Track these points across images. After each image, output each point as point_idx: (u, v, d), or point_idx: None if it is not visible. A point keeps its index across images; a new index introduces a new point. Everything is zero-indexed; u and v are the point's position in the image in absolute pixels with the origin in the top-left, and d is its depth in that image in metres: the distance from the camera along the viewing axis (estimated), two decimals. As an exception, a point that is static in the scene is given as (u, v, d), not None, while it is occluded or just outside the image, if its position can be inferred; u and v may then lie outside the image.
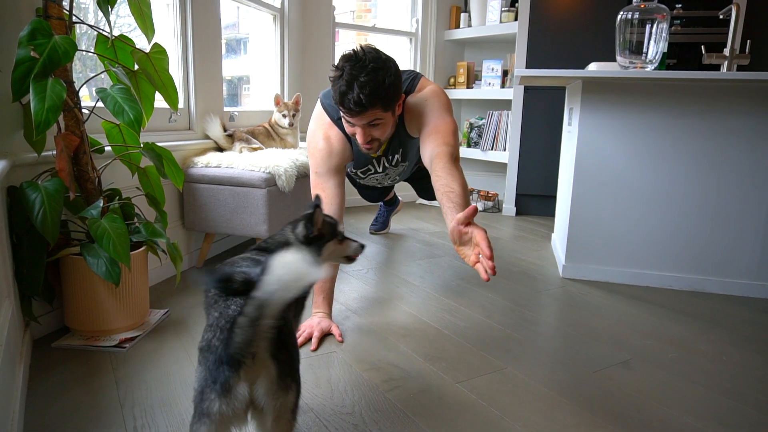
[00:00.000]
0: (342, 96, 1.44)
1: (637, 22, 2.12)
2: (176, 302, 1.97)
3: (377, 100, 1.44)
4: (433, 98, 1.69)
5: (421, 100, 1.68)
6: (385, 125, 1.55)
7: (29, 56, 1.36)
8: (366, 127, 1.53)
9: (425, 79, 1.77)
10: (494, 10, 3.86)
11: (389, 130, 1.59)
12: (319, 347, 1.63)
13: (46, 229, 1.40)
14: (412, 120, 1.71)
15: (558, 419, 1.30)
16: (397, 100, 1.53)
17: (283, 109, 2.79)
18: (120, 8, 2.03)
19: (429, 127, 1.66)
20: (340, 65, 1.46)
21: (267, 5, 3.16)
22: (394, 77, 1.47)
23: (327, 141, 1.72)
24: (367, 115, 1.47)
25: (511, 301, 2.09)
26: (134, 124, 1.52)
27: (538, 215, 3.75)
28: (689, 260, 2.26)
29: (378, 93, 1.43)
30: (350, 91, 1.42)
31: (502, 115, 3.85)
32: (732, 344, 1.76)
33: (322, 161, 1.74)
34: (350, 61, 1.44)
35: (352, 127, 1.56)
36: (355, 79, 1.41)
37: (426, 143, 1.64)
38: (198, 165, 2.30)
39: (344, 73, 1.43)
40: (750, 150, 2.13)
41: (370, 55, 1.45)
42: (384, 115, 1.51)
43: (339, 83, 1.44)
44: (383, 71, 1.44)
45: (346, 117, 1.53)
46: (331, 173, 1.74)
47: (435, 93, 1.71)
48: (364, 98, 1.41)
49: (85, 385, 1.39)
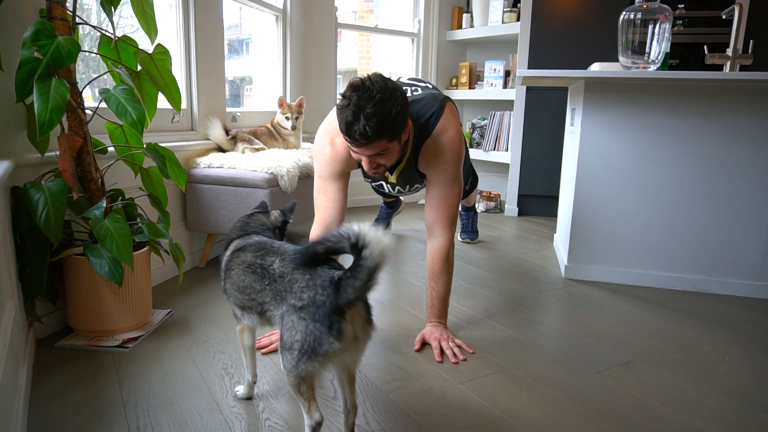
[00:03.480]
0: (348, 126, 1.44)
1: (640, 22, 2.12)
2: (179, 302, 1.98)
3: (383, 132, 1.44)
4: (451, 153, 1.68)
5: (439, 150, 1.67)
6: (391, 153, 1.54)
7: (33, 57, 1.36)
8: (372, 157, 1.53)
9: (448, 113, 1.70)
10: (496, 10, 3.86)
11: (395, 156, 1.59)
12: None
13: (50, 230, 1.40)
14: (425, 162, 1.71)
15: (561, 420, 1.30)
16: (403, 129, 1.52)
17: (287, 111, 2.79)
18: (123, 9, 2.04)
19: (436, 190, 1.72)
20: (348, 94, 1.45)
21: (269, 6, 3.16)
22: (400, 107, 1.46)
23: (333, 147, 1.71)
24: (373, 146, 1.47)
25: (513, 302, 2.09)
26: (137, 125, 1.52)
27: (541, 216, 3.74)
28: (692, 260, 2.25)
29: (384, 125, 1.42)
30: (356, 122, 1.41)
31: (504, 116, 3.85)
32: (735, 345, 1.75)
33: (326, 166, 1.74)
34: (357, 90, 1.43)
35: (358, 155, 1.56)
36: (362, 110, 1.40)
37: (431, 209, 1.74)
38: (200, 165, 2.30)
39: (351, 103, 1.42)
40: (753, 150, 2.12)
41: (377, 85, 1.43)
42: (390, 145, 1.50)
43: (346, 113, 1.43)
44: (390, 101, 1.43)
45: (352, 147, 1.53)
46: (334, 178, 1.74)
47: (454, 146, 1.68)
48: (370, 130, 1.41)
49: (88, 385, 1.39)
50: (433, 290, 1.73)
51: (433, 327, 1.70)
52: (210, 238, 2.40)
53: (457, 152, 1.69)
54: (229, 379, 1.44)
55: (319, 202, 1.76)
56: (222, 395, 1.36)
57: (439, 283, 1.72)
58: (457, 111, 1.77)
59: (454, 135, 1.68)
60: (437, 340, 1.65)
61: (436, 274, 1.72)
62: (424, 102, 1.68)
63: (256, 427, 1.24)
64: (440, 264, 1.71)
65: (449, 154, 1.67)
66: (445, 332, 1.69)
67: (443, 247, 1.72)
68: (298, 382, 1.03)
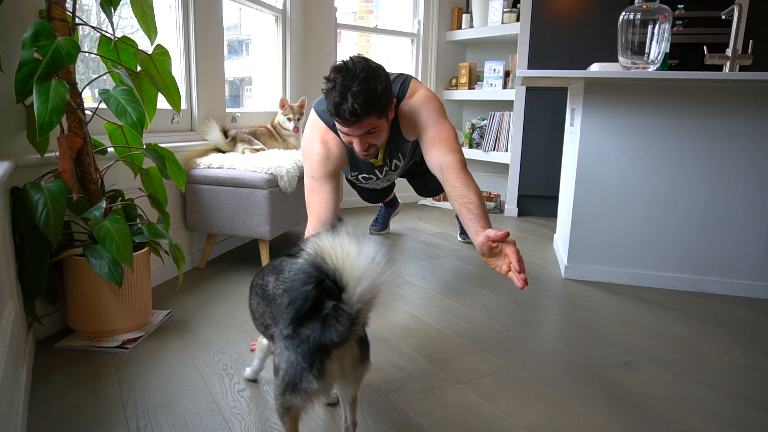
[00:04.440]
0: (337, 107, 1.47)
1: (639, 22, 2.12)
2: (179, 303, 1.98)
3: (371, 108, 1.48)
4: (427, 104, 1.73)
5: (416, 106, 1.73)
6: (380, 131, 1.60)
7: (32, 58, 1.36)
8: (363, 136, 1.56)
9: (415, 81, 1.80)
10: (496, 10, 3.86)
11: (385, 135, 1.63)
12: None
13: (50, 230, 1.40)
14: (407, 126, 1.75)
15: (561, 420, 1.30)
16: (389, 106, 1.57)
17: (289, 112, 2.79)
18: (123, 10, 2.04)
19: (429, 134, 1.70)
20: (332, 77, 1.49)
21: (269, 6, 3.16)
22: (384, 84, 1.52)
23: (324, 145, 1.73)
24: (363, 124, 1.50)
25: (513, 302, 2.09)
26: (137, 126, 1.52)
27: (540, 216, 3.74)
28: (692, 261, 2.25)
29: (371, 101, 1.47)
30: (344, 101, 1.45)
31: (504, 116, 3.85)
32: (735, 345, 1.75)
33: (319, 165, 1.75)
34: (341, 72, 1.48)
35: (349, 137, 1.58)
36: (348, 90, 1.45)
37: (431, 152, 1.67)
38: (200, 166, 2.30)
39: (336, 84, 1.47)
40: (753, 150, 2.12)
41: (359, 65, 1.49)
42: (379, 123, 1.55)
43: (332, 94, 1.47)
44: (374, 79, 1.48)
45: (343, 128, 1.55)
46: (327, 177, 1.75)
47: (428, 98, 1.75)
48: (359, 107, 1.44)
49: (88, 386, 1.39)
50: (470, 203, 1.48)
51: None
52: (210, 238, 2.40)
53: (433, 102, 1.73)
54: (229, 380, 1.44)
55: (312, 203, 1.76)
56: (222, 396, 1.36)
57: (472, 192, 1.51)
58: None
59: (425, 92, 1.75)
60: (513, 245, 1.31)
61: (466, 187, 1.52)
62: (391, 77, 1.72)
63: (256, 427, 1.24)
64: (463, 178, 1.54)
65: (426, 105, 1.71)
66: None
67: (457, 163, 1.59)
68: (283, 411, 0.98)
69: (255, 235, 2.27)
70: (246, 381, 1.44)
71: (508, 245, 1.29)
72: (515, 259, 1.25)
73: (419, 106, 1.72)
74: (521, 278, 1.23)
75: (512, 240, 1.30)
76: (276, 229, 2.29)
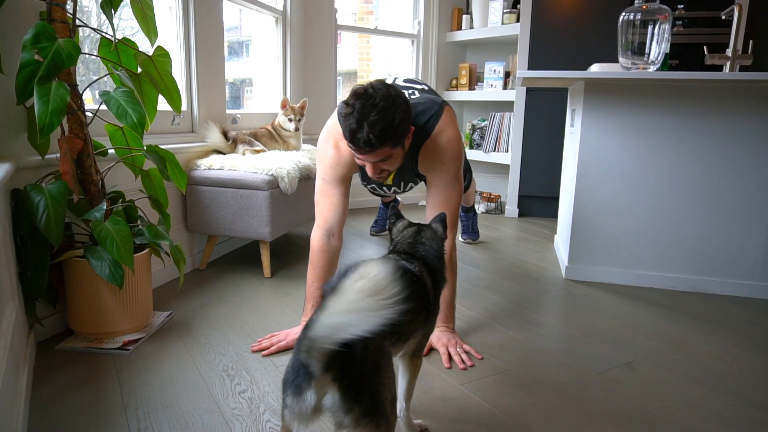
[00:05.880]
0: (352, 134, 1.44)
1: (639, 23, 2.12)
2: (179, 304, 1.98)
3: (387, 139, 1.44)
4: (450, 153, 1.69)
5: (439, 151, 1.69)
6: (395, 159, 1.56)
7: (33, 59, 1.37)
8: (376, 163, 1.54)
9: (446, 116, 1.72)
10: (496, 11, 3.86)
11: (399, 162, 1.60)
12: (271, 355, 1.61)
13: (50, 232, 1.40)
14: (424, 163, 1.72)
15: (562, 421, 1.30)
16: (406, 135, 1.53)
17: (290, 113, 2.79)
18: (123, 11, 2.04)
19: (437, 190, 1.71)
20: (351, 102, 1.46)
21: (269, 8, 3.17)
22: (403, 114, 1.46)
23: (337, 150, 1.71)
24: (377, 153, 1.48)
25: (513, 303, 2.09)
26: (137, 127, 1.53)
27: (541, 216, 3.74)
28: (693, 261, 2.25)
29: (388, 132, 1.43)
30: (360, 130, 1.42)
31: (504, 117, 3.85)
32: (736, 345, 1.75)
33: (330, 169, 1.74)
34: (361, 98, 1.44)
35: (362, 161, 1.57)
36: (365, 118, 1.41)
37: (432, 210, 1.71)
38: (201, 167, 2.31)
39: (354, 110, 1.43)
40: (753, 150, 2.12)
41: (380, 93, 1.44)
42: (393, 152, 1.51)
43: (349, 120, 1.44)
44: (393, 109, 1.43)
45: (357, 154, 1.53)
46: (337, 182, 1.74)
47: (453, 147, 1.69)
48: (373, 138, 1.42)
49: (88, 388, 1.39)
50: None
51: (440, 332, 1.69)
52: (210, 239, 2.40)
53: (457, 152, 1.70)
54: (230, 381, 1.44)
55: (321, 205, 1.76)
56: (223, 397, 1.36)
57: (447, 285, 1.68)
58: (455, 115, 1.78)
59: (453, 135, 1.69)
60: (445, 346, 1.64)
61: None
62: (423, 106, 1.68)
63: (256, 428, 1.24)
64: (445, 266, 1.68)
65: (449, 154, 1.68)
66: (453, 337, 1.68)
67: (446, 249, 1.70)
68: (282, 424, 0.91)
69: (256, 236, 2.27)
70: (247, 382, 1.44)
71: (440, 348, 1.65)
72: (444, 360, 1.60)
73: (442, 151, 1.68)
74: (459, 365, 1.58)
75: (444, 343, 1.65)
76: (277, 230, 2.29)
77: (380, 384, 0.89)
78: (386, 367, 0.92)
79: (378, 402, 0.88)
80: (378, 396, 0.88)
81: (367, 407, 0.86)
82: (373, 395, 0.87)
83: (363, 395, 0.86)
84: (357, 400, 0.85)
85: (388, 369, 0.92)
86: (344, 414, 0.84)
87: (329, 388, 0.84)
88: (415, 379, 1.22)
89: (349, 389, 0.85)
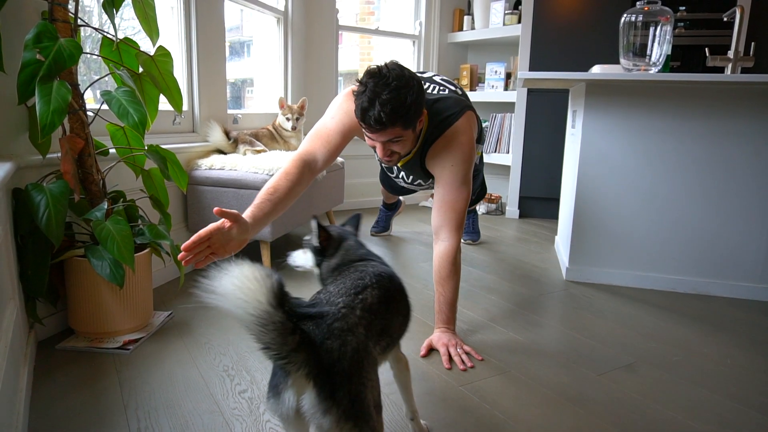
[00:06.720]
0: (363, 112, 1.44)
1: (641, 24, 2.12)
2: (180, 304, 1.98)
3: (398, 119, 1.44)
4: (460, 155, 1.67)
5: (449, 150, 1.67)
6: (405, 141, 1.55)
7: (35, 59, 1.37)
8: (386, 143, 1.54)
9: (467, 119, 1.69)
10: (497, 12, 3.86)
11: (410, 145, 1.59)
12: None
13: (51, 231, 1.40)
14: (433, 160, 1.71)
15: (562, 422, 1.30)
16: (418, 117, 1.52)
17: (287, 112, 2.80)
18: (125, 11, 2.04)
19: (444, 192, 1.69)
20: (364, 80, 1.45)
21: (270, 8, 3.17)
22: (416, 95, 1.46)
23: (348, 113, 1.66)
24: (387, 132, 1.47)
25: (514, 304, 2.08)
26: (139, 127, 1.53)
27: (542, 218, 3.74)
28: (693, 263, 2.25)
29: (399, 112, 1.43)
30: (372, 107, 1.42)
31: (505, 118, 3.85)
32: (737, 347, 1.75)
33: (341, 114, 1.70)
34: (374, 77, 1.44)
35: (372, 141, 1.56)
36: (378, 96, 1.41)
37: (438, 212, 1.71)
38: (202, 167, 2.31)
39: (367, 89, 1.43)
40: (754, 152, 2.12)
41: (393, 73, 1.44)
42: (404, 133, 1.51)
43: (361, 99, 1.44)
44: (405, 89, 1.43)
45: (367, 133, 1.53)
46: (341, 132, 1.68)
47: (464, 149, 1.67)
48: (384, 116, 1.41)
49: (88, 387, 1.39)
50: (440, 295, 1.71)
51: (441, 333, 1.69)
52: (211, 239, 2.40)
53: (467, 156, 1.68)
54: (230, 381, 1.44)
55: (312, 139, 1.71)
56: (223, 397, 1.36)
57: (447, 287, 1.70)
58: (475, 121, 1.76)
59: (466, 139, 1.68)
60: (445, 346, 1.63)
61: (444, 279, 1.70)
62: (447, 102, 1.68)
63: (256, 428, 1.24)
64: (447, 268, 1.69)
65: (458, 156, 1.67)
66: (453, 338, 1.68)
67: (450, 250, 1.70)
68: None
69: (256, 236, 2.27)
70: (247, 382, 1.44)
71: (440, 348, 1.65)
72: (445, 361, 1.59)
73: (452, 152, 1.66)
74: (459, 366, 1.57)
75: (444, 343, 1.64)
76: (277, 230, 2.29)
77: (361, 384, 0.84)
78: (369, 369, 0.88)
79: (359, 404, 0.82)
80: (359, 397, 0.83)
81: (347, 408, 0.81)
82: (353, 396, 0.82)
83: (340, 394, 0.81)
84: (334, 399, 0.81)
85: (371, 371, 0.89)
86: (322, 415, 0.80)
87: (306, 388, 0.81)
88: (408, 373, 1.20)
89: (324, 386, 0.80)
